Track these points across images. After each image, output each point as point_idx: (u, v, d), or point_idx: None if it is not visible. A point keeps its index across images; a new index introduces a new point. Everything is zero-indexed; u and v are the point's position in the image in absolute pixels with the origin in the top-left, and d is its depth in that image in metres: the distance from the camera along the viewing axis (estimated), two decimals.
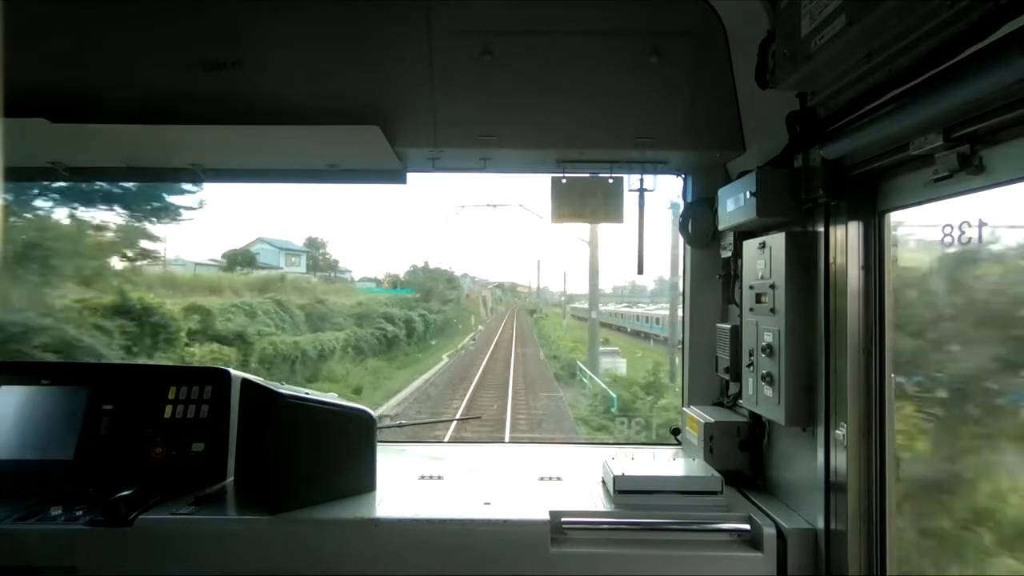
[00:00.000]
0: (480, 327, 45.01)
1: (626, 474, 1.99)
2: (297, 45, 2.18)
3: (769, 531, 1.82)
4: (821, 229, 1.77)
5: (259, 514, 1.89)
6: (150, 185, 11.97)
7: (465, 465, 2.50)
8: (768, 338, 1.92)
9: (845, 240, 1.69)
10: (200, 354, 13.16)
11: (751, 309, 2.06)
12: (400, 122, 2.19)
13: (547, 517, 1.88)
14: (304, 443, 1.98)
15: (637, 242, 2.64)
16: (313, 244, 45.68)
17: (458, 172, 2.64)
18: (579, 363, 20.44)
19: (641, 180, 2.61)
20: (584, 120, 2.26)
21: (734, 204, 2.07)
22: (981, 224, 1.35)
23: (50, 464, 2.15)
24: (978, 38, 1.10)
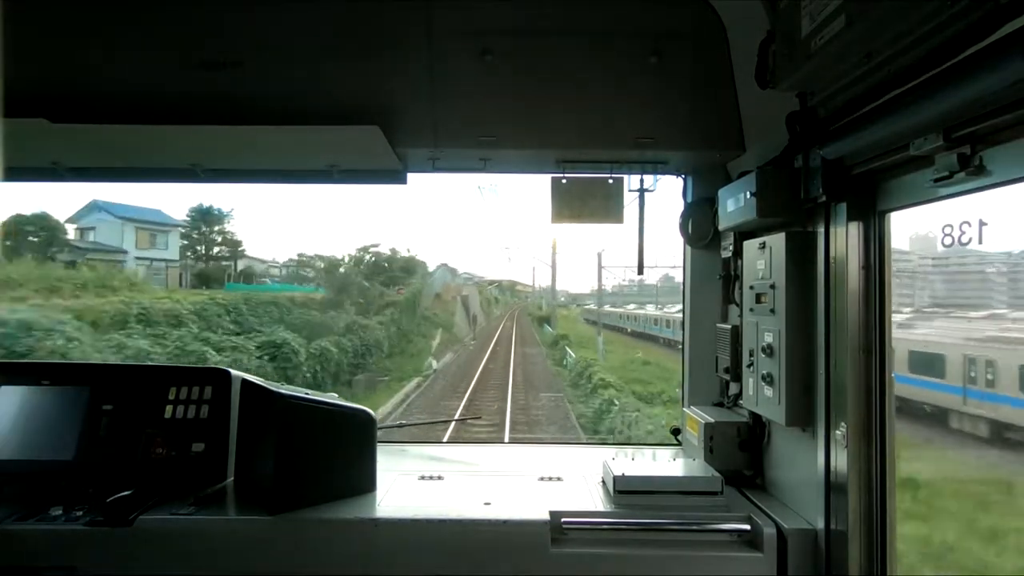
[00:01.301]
0: (433, 368, 23.26)
1: (626, 474, 1.99)
2: (297, 45, 2.17)
3: (769, 531, 1.82)
4: (821, 229, 1.77)
5: (259, 514, 1.89)
6: None
7: (465, 465, 2.50)
8: (768, 338, 1.92)
9: (845, 240, 1.69)
10: None
11: (751, 309, 2.06)
12: (400, 122, 2.19)
13: (547, 517, 1.88)
14: (304, 443, 1.98)
15: (637, 243, 2.64)
16: (203, 217, 28.89)
17: (458, 172, 2.64)
18: None
19: (641, 180, 2.61)
20: (584, 120, 2.26)
21: (734, 204, 2.07)
22: (981, 224, 1.36)
23: (50, 464, 2.15)
24: (978, 38, 1.10)
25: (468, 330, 42.73)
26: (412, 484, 2.20)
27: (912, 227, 1.66)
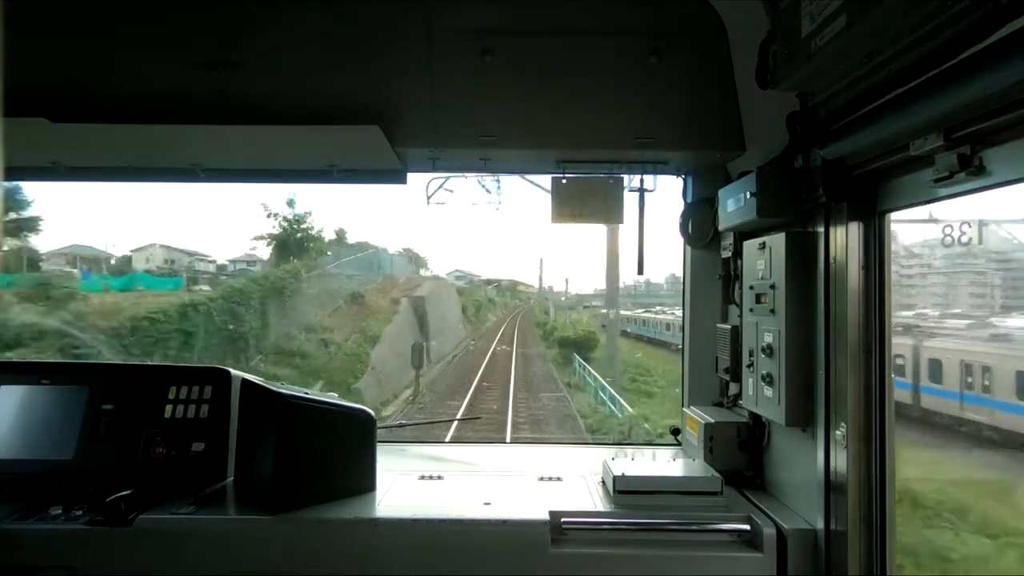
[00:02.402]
0: None
1: (626, 474, 1.99)
2: (297, 45, 2.18)
3: (769, 531, 1.82)
4: (821, 229, 1.77)
5: (259, 514, 1.89)
6: None
7: (465, 465, 2.50)
8: (768, 338, 1.92)
9: (845, 240, 1.69)
10: None
11: (751, 309, 2.06)
12: (400, 122, 2.19)
13: (547, 517, 1.88)
14: (304, 443, 1.98)
15: (637, 242, 2.64)
16: None
17: (458, 172, 2.65)
18: None
19: (641, 180, 2.61)
20: (584, 120, 2.26)
21: (734, 204, 2.07)
22: (981, 224, 1.36)
23: (50, 464, 2.15)
24: (979, 38, 1.10)
25: (412, 372, 18.82)
26: (412, 484, 2.20)
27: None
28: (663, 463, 2.15)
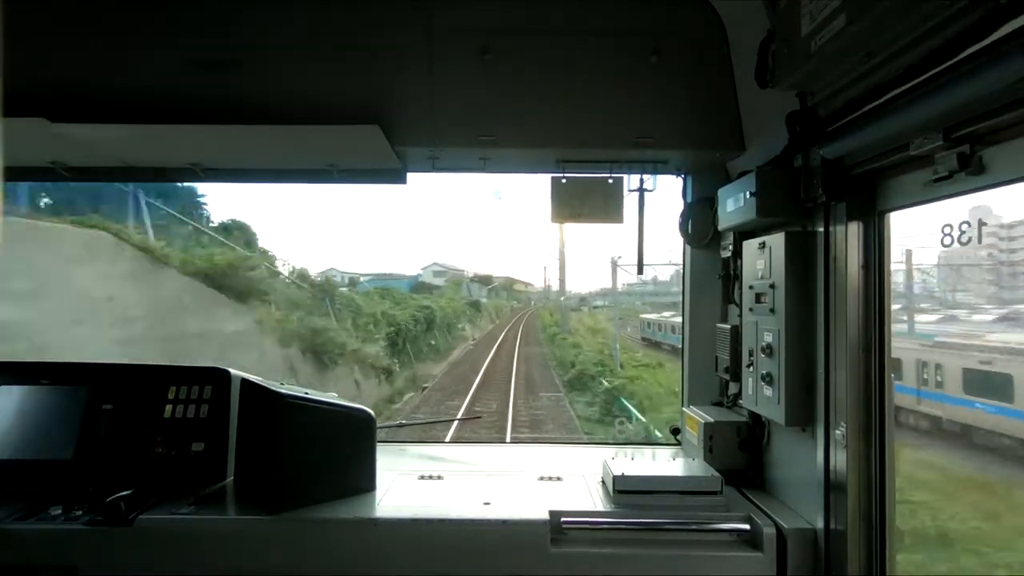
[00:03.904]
0: None
1: (626, 474, 1.99)
2: (297, 45, 2.18)
3: (769, 531, 1.82)
4: (821, 229, 1.77)
5: (259, 514, 1.89)
6: None
7: (465, 465, 2.50)
8: (768, 338, 1.92)
9: (845, 240, 1.69)
10: None
11: (751, 309, 2.06)
12: (400, 122, 2.19)
13: (547, 517, 1.88)
14: (304, 443, 1.98)
15: (637, 242, 2.64)
16: None
17: (458, 172, 2.64)
18: None
19: (641, 180, 2.61)
20: (584, 120, 2.26)
21: (734, 204, 2.07)
22: (981, 224, 1.36)
23: (50, 464, 2.15)
24: (978, 38, 1.10)
25: None
26: (412, 484, 2.20)
27: None
28: (663, 463, 2.15)
